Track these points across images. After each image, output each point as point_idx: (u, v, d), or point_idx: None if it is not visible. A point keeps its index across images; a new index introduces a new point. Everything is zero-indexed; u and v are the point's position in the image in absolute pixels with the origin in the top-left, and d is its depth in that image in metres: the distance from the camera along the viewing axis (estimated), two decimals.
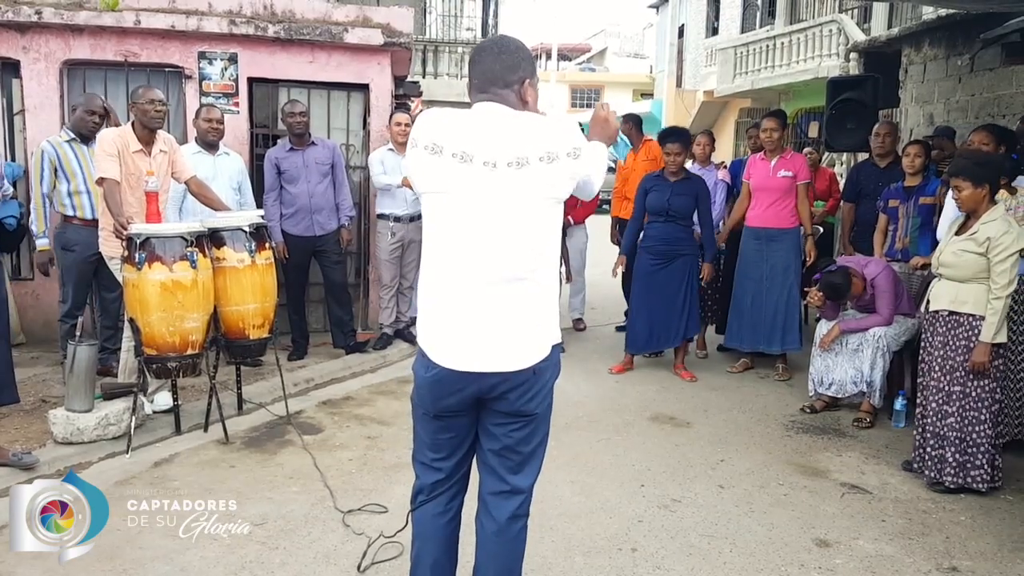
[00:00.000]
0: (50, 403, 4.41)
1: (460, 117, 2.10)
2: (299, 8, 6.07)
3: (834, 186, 7.22)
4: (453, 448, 2.26)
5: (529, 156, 2.03)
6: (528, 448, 2.23)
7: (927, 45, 7.72)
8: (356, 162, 6.37)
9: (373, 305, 6.37)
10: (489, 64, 2.13)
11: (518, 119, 2.09)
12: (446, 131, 2.07)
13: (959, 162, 3.81)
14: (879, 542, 3.27)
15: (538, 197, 2.06)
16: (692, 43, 22.23)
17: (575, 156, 2.07)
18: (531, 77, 2.16)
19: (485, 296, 2.07)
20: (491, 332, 2.08)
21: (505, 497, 2.24)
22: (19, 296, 5.60)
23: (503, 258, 2.06)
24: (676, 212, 5.42)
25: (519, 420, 2.17)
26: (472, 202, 2.04)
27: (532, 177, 2.03)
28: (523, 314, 2.10)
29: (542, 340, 2.14)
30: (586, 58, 42.22)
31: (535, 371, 2.12)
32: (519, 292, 2.08)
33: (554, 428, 4.40)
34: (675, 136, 5.53)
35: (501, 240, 2.05)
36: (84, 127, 4.84)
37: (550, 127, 2.08)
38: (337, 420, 4.58)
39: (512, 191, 2.03)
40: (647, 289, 5.54)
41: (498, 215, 2.04)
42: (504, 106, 2.11)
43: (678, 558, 3.10)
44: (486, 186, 2.03)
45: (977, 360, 3.62)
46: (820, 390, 4.90)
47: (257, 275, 4.21)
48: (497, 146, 2.04)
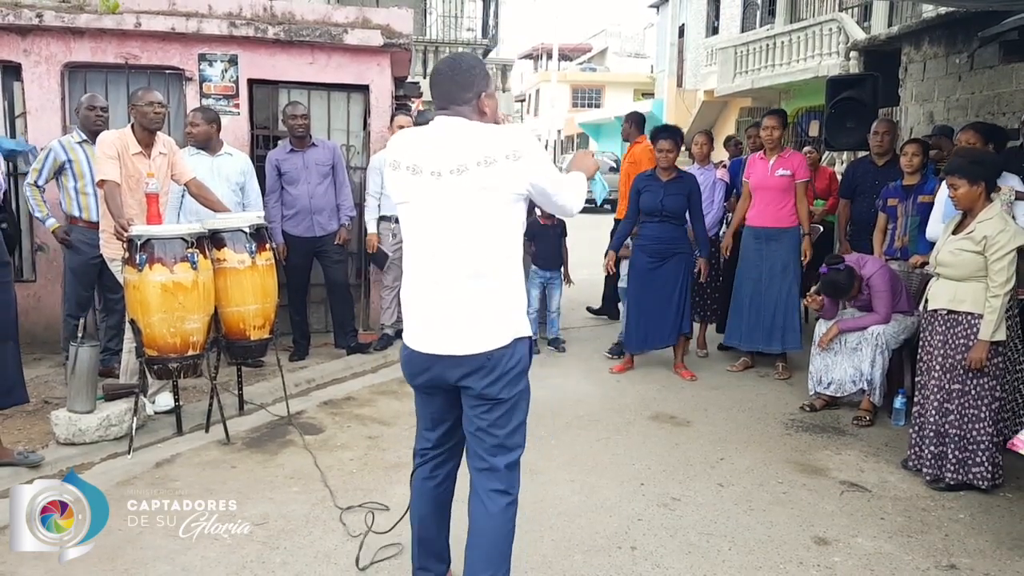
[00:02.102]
0: (52, 404, 4.43)
1: (417, 134, 2.39)
2: (299, 10, 6.09)
3: (834, 185, 7.21)
4: (435, 422, 2.54)
5: (468, 162, 2.25)
6: (501, 432, 2.41)
7: (927, 43, 7.72)
8: (356, 163, 6.39)
9: (374, 305, 6.38)
10: (446, 85, 2.34)
11: (467, 129, 2.30)
12: (403, 148, 2.37)
13: (954, 161, 3.82)
14: (878, 540, 3.28)
15: (481, 199, 2.26)
16: (692, 43, 22.24)
17: (515, 158, 2.24)
18: (486, 90, 2.36)
19: (444, 290, 2.32)
20: (448, 320, 2.33)
21: (486, 475, 2.44)
22: (22, 298, 5.57)
23: (455, 256, 2.30)
24: (670, 212, 5.42)
25: (486, 404, 2.38)
26: (424, 209, 2.32)
27: (472, 181, 2.24)
28: (478, 306, 2.31)
29: (497, 330, 2.33)
30: (587, 58, 42.27)
31: (488, 357, 2.31)
32: (476, 286, 2.31)
33: (554, 427, 4.48)
34: (667, 133, 5.52)
35: (452, 240, 2.29)
36: (90, 124, 4.87)
37: (492, 134, 2.28)
38: (338, 420, 4.60)
39: (456, 196, 2.27)
40: (642, 288, 5.54)
41: (447, 219, 2.29)
42: (461, 119, 2.32)
43: (677, 556, 3.11)
44: (434, 194, 2.29)
45: (975, 358, 3.63)
46: (819, 389, 4.91)
47: (258, 276, 4.22)
48: (441, 156, 2.28)
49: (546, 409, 4.77)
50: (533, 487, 3.67)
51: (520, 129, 2.37)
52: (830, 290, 4.77)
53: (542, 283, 6.33)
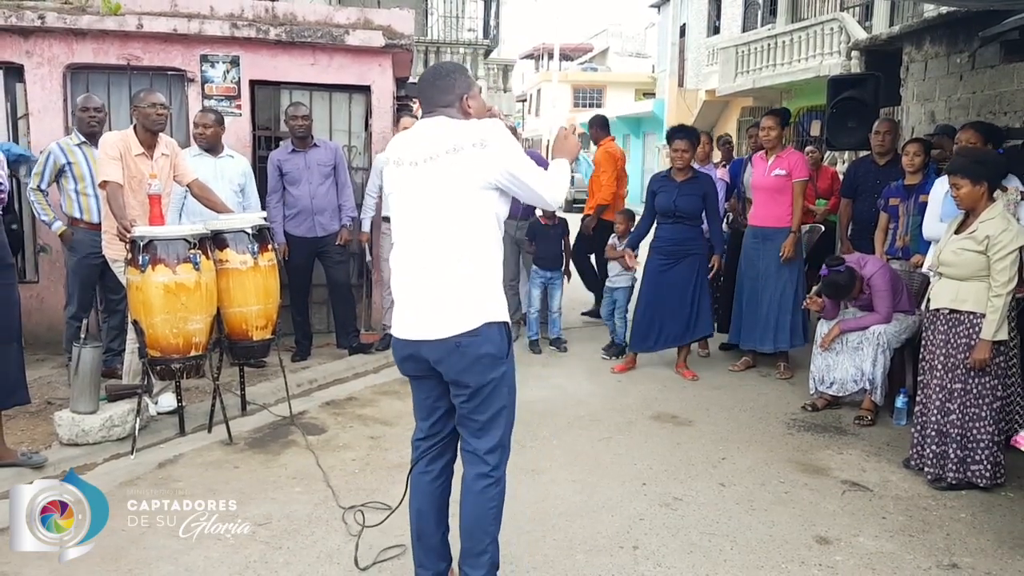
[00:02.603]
0: (55, 405, 4.44)
1: (407, 133, 2.56)
2: (300, 11, 6.10)
3: (836, 184, 7.20)
4: (427, 410, 2.62)
5: (438, 151, 2.40)
6: (481, 418, 2.49)
7: (928, 43, 7.71)
8: (358, 163, 6.40)
9: (376, 306, 6.39)
10: (429, 91, 2.54)
11: (445, 124, 2.46)
12: (392, 145, 2.58)
13: (957, 160, 3.82)
14: (880, 539, 3.29)
15: (450, 186, 2.39)
16: (694, 42, 22.20)
17: (481, 146, 2.36)
18: (467, 92, 2.53)
19: (419, 275, 2.45)
20: (420, 306, 2.45)
21: (469, 457, 2.55)
22: (25, 299, 5.56)
23: (428, 242, 2.43)
24: (683, 213, 5.41)
25: (462, 390, 2.46)
26: (403, 196, 2.49)
27: (441, 168, 2.39)
28: (448, 291, 2.41)
29: (465, 315, 2.40)
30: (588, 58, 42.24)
31: (457, 343, 2.39)
32: (448, 271, 2.41)
33: (556, 427, 4.49)
34: (682, 133, 5.51)
35: (425, 227, 2.43)
36: (84, 126, 4.89)
37: (464, 126, 2.43)
38: (340, 420, 4.60)
39: (427, 183, 2.42)
40: (655, 288, 5.54)
41: (421, 206, 2.44)
42: (444, 117, 2.48)
43: (679, 556, 3.11)
44: (409, 182, 2.46)
45: (978, 357, 3.63)
46: (821, 388, 4.91)
47: (260, 276, 4.22)
48: (418, 148, 2.45)
49: (548, 409, 4.78)
50: (535, 487, 3.68)
51: (493, 122, 2.46)
52: (831, 291, 4.77)
53: (543, 283, 6.33)
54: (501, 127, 2.43)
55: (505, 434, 2.56)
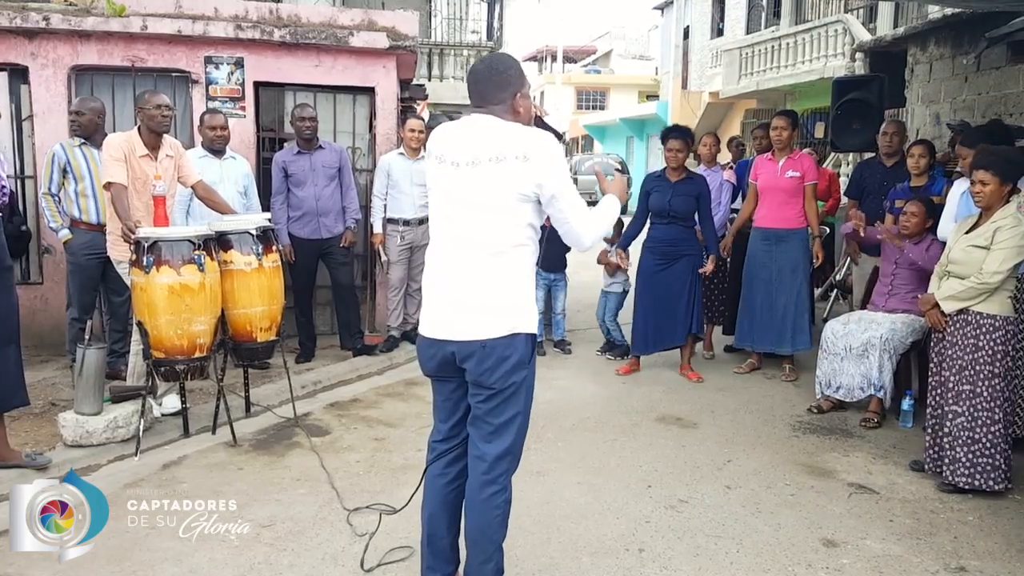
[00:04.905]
0: (59, 406, 4.45)
1: (451, 128, 2.50)
2: (304, 12, 6.10)
3: (834, 186, 7.22)
4: (447, 412, 2.60)
5: (482, 156, 2.36)
6: (496, 421, 2.47)
7: (933, 44, 7.70)
8: (362, 165, 6.39)
9: (380, 307, 6.38)
10: (482, 85, 2.45)
11: (492, 126, 2.40)
12: (437, 140, 2.50)
13: (987, 156, 3.71)
14: (886, 542, 3.27)
15: (490, 192, 2.36)
16: (697, 44, 22.21)
17: (524, 159, 2.33)
18: (521, 89, 2.45)
19: (452, 277, 2.43)
20: (451, 307, 2.43)
21: (477, 462, 2.51)
22: (29, 300, 5.63)
23: (464, 245, 2.41)
24: (677, 213, 5.41)
25: (482, 391, 2.45)
26: (445, 194, 2.45)
27: (483, 175, 2.36)
28: (482, 296, 2.40)
29: (498, 321, 2.39)
30: (591, 60, 42.19)
31: (484, 345, 2.38)
32: (481, 276, 2.39)
33: (561, 429, 4.48)
34: (677, 133, 5.51)
35: (462, 230, 2.41)
36: (79, 130, 4.90)
37: (512, 133, 2.38)
38: (344, 422, 4.60)
39: (468, 187, 2.39)
40: (650, 289, 5.53)
41: (460, 208, 2.41)
42: (492, 117, 2.42)
43: (685, 558, 3.10)
44: (453, 181, 2.42)
45: (923, 308, 3.85)
46: (828, 392, 4.88)
47: (264, 278, 4.22)
48: (463, 148, 2.40)
49: (552, 411, 4.77)
50: (540, 489, 3.67)
51: (542, 133, 2.40)
52: (929, 207, 4.67)
53: (546, 285, 6.32)
54: (552, 142, 2.38)
55: (516, 442, 2.53)
